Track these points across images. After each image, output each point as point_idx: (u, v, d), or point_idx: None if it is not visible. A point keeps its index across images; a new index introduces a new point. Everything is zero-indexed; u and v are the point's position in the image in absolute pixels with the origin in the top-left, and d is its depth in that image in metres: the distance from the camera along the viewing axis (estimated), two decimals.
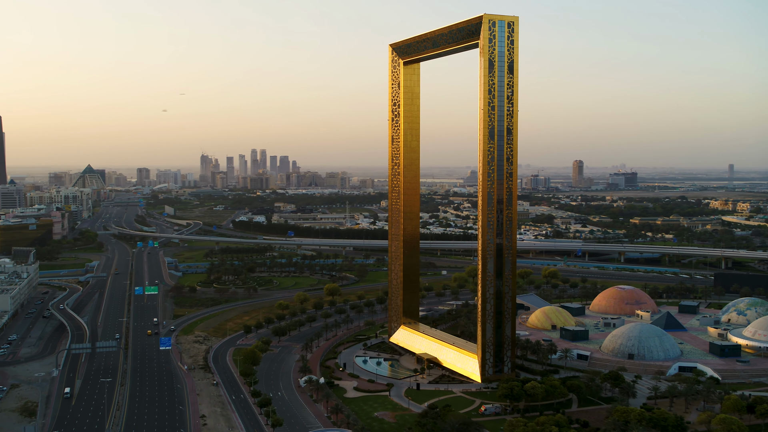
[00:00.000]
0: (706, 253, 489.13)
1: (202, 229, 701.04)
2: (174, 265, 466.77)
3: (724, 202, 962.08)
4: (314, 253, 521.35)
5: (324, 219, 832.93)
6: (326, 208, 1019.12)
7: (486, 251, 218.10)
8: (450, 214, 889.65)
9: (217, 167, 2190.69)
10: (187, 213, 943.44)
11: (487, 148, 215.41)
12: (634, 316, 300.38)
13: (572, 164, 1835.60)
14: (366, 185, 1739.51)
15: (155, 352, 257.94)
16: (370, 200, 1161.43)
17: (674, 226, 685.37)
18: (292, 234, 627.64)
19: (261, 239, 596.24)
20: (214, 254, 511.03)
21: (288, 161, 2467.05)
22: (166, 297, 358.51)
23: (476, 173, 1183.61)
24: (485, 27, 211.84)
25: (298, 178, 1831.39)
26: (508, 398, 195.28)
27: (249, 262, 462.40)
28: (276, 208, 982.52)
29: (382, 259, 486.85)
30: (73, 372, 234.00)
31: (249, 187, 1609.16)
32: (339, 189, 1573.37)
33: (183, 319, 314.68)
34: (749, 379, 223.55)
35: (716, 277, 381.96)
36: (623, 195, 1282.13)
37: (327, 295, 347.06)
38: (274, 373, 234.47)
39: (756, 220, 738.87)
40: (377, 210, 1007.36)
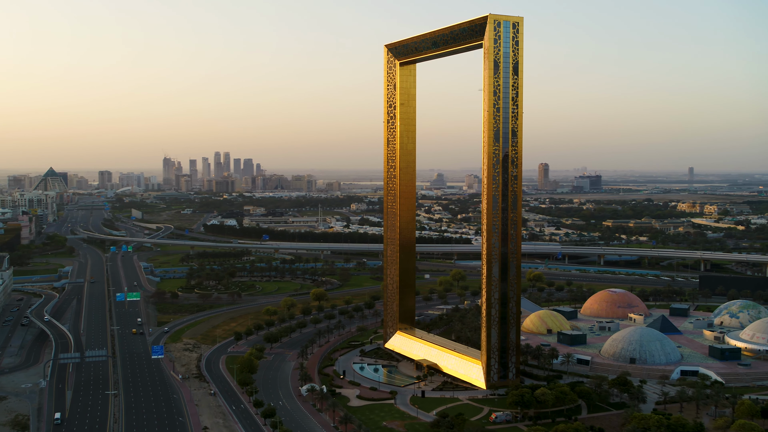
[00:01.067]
0: (685, 255, 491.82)
1: (173, 233, 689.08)
2: (150, 270, 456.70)
3: (691, 204, 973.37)
4: (292, 257, 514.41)
5: (296, 222, 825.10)
6: (296, 212, 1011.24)
7: (491, 255, 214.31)
8: (423, 217, 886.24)
9: (180, 170, 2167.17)
10: (154, 216, 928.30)
11: (492, 150, 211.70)
12: (626, 319, 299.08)
13: (537, 167, 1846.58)
14: (333, 188, 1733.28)
15: (145, 361, 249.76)
16: (340, 203, 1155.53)
17: (647, 229, 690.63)
18: (267, 237, 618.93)
19: (236, 243, 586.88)
20: (190, 259, 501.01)
21: (252, 164, 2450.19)
22: (148, 303, 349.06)
23: (443, 176, 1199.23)
24: (490, 27, 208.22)
25: (264, 181, 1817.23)
26: (518, 405, 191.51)
27: (229, 266, 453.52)
28: (245, 212, 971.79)
29: (363, 263, 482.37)
30: (62, 383, 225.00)
31: (215, 190, 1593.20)
32: (306, 192, 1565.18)
33: (169, 326, 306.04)
34: (752, 382, 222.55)
35: (701, 280, 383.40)
36: (590, 197, 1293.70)
37: (313, 300, 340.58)
38: (271, 382, 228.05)
39: (725, 223, 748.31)
40: (348, 213, 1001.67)
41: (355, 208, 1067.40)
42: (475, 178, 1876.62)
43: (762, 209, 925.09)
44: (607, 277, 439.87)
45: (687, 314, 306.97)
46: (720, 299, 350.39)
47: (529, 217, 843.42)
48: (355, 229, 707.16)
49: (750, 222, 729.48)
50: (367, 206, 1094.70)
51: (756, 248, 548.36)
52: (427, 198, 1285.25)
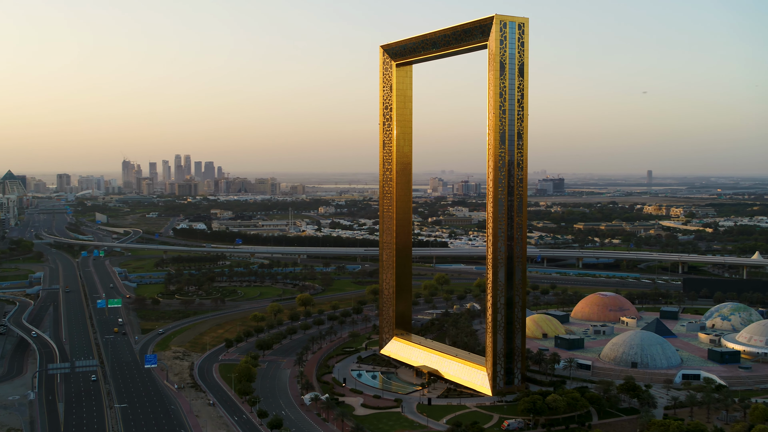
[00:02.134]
0: (663, 258, 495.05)
1: (143, 238, 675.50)
2: (124, 275, 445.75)
3: (657, 207, 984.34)
4: (269, 261, 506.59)
5: (266, 226, 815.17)
6: (264, 215, 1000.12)
7: (497, 260, 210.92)
8: None
9: (140, 173, 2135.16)
10: (119, 220, 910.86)
11: (498, 153, 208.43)
12: (618, 322, 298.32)
13: None
14: (297, 191, 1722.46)
15: (135, 370, 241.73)
16: (307, 206, 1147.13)
17: (618, 231, 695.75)
18: (240, 241, 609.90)
19: (209, 247, 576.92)
20: (165, 263, 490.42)
21: (213, 167, 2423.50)
22: (128, 310, 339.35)
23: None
24: (496, 28, 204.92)
25: (227, 184, 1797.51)
26: (531, 412, 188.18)
27: (208, 271, 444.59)
28: (213, 215, 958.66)
29: (342, 267, 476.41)
30: (52, 394, 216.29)
31: (177, 194, 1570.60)
32: (271, 195, 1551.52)
33: (153, 333, 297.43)
34: (755, 385, 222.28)
35: (685, 282, 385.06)
36: (555, 200, 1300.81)
37: (299, 305, 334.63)
38: (269, 391, 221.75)
39: (693, 225, 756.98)
40: (317, 216, 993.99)
41: (324, 211, 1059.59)
42: (439, 181, 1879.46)
43: (726, 212, 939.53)
44: (589, 280, 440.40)
45: (677, 317, 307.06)
46: (706, 302, 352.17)
47: None
48: (328, 233, 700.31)
49: (718, 224, 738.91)
50: (336, 210, 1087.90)
51: (729, 250, 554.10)
52: None
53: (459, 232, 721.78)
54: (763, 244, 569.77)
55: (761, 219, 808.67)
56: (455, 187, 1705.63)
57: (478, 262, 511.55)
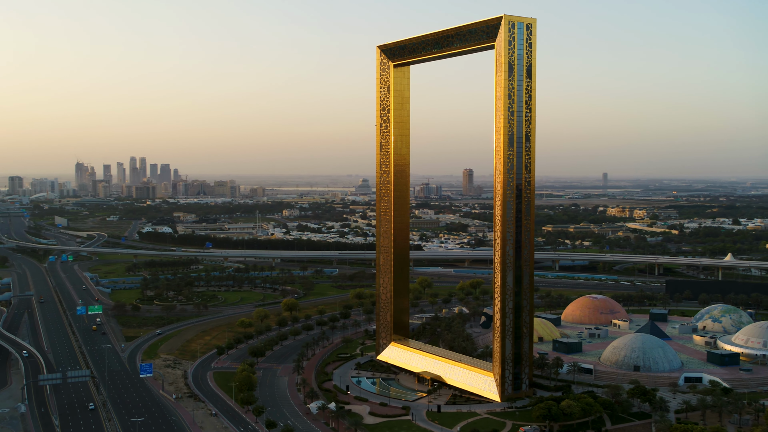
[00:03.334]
0: (640, 259, 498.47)
1: (108, 242, 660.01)
2: (95, 280, 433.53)
3: (621, 209, 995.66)
4: (243, 265, 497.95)
5: (232, 229, 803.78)
6: (227, 218, 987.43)
7: (505, 264, 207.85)
8: (361, 223, 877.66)
9: (94, 175, 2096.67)
10: (79, 224, 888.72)
11: (507, 155, 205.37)
12: (610, 325, 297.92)
13: (462, 173, 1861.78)
14: (257, 194, 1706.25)
15: (128, 379, 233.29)
16: (270, 209, 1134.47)
17: (587, 234, 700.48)
18: (210, 245, 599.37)
19: (180, 251, 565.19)
20: (137, 268, 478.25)
21: (169, 169, 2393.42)
22: (108, 317, 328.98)
23: (368, 182, 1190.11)
24: (504, 29, 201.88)
25: (186, 186, 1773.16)
26: (546, 419, 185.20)
27: (184, 276, 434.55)
28: (176, 218, 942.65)
29: (320, 271, 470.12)
30: (44, 407, 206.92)
31: (135, 197, 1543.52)
32: (231, 198, 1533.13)
33: (139, 340, 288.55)
34: (758, 387, 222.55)
35: (668, 284, 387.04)
36: None
37: (285, 310, 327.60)
38: (270, 399, 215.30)
39: (658, 227, 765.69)
40: (281, 219, 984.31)
41: (288, 214, 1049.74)
42: None
43: (687, 214, 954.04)
44: (568, 282, 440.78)
45: (666, 319, 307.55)
46: (690, 303, 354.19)
47: (468, 222, 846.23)
48: (298, 236, 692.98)
49: (683, 226, 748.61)
50: (300, 212, 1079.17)
51: (699, 252, 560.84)
52: (358, 204, 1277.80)
53: (429, 234, 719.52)
54: (731, 245, 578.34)
55: (723, 221, 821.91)
56: (416, 189, 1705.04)
57: (455, 265, 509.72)
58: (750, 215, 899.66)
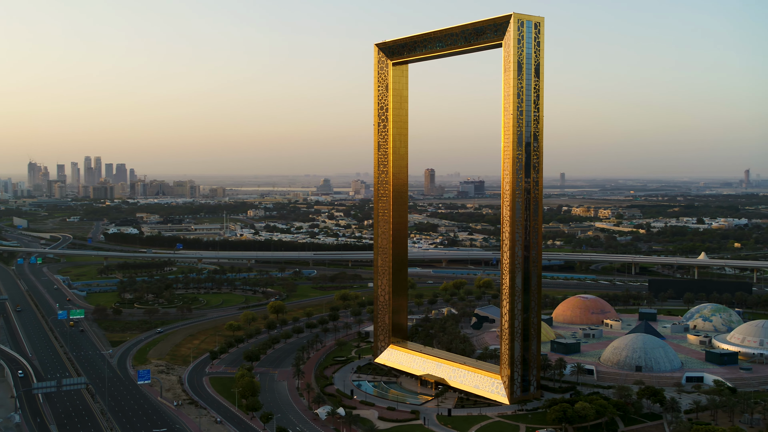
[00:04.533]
0: (615, 259, 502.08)
1: (74, 243, 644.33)
2: (67, 283, 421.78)
3: (586, 209, 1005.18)
4: (217, 266, 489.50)
5: (199, 230, 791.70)
6: (191, 219, 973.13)
7: (514, 265, 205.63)
8: (329, 223, 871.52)
9: (47, 175, 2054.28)
10: (39, 225, 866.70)
11: (516, 155, 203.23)
12: (601, 325, 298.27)
13: (424, 172, 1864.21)
14: (217, 194, 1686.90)
15: (123, 386, 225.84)
16: (234, 209, 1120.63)
17: (558, 233, 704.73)
18: (181, 246, 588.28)
19: (151, 252, 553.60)
20: (110, 270, 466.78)
21: (125, 169, 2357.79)
22: (89, 321, 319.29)
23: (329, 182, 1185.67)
24: (514, 27, 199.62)
25: (144, 186, 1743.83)
26: (562, 421, 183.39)
27: (162, 278, 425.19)
28: (139, 219, 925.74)
29: (299, 272, 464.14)
30: (39, 416, 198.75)
31: (92, 197, 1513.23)
32: (193, 198, 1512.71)
33: (125, 345, 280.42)
34: (760, 386, 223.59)
35: (650, 284, 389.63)
36: (480, 202, 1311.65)
37: (271, 312, 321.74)
38: (272, 404, 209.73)
39: (626, 226, 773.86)
40: (246, 219, 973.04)
41: (253, 214, 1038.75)
42: (362, 183, 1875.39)
43: (651, 213, 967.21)
44: (549, 282, 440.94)
45: (655, 319, 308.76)
46: (675, 303, 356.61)
47: (437, 222, 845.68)
48: (268, 237, 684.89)
49: (650, 226, 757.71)
50: (265, 212, 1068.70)
51: (671, 251, 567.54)
52: (321, 204, 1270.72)
53: None
54: (700, 244, 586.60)
55: (688, 220, 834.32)
56: None
57: (432, 265, 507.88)
58: (711, 214, 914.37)
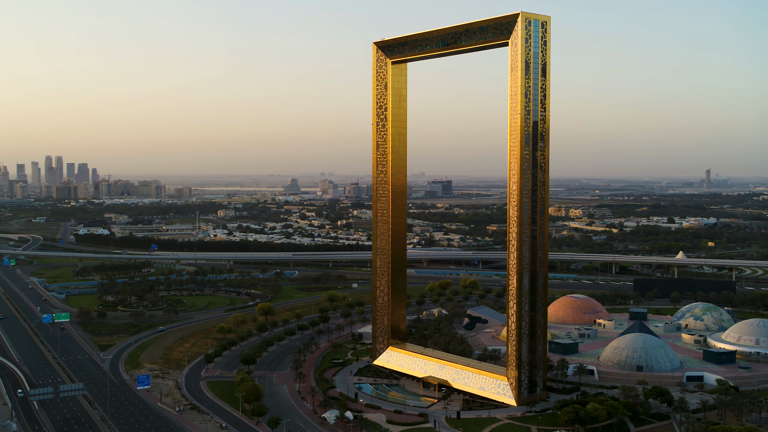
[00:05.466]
0: (595, 258, 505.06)
1: (45, 245, 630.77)
2: (44, 285, 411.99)
3: (556, 209, 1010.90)
4: (196, 268, 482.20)
5: (171, 230, 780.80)
6: (161, 219, 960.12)
7: (521, 266, 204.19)
8: (303, 223, 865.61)
9: (7, 175, 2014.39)
10: (5, 226, 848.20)
11: (524, 155, 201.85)
12: (594, 325, 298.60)
13: None
14: (183, 194, 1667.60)
15: (119, 392, 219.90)
16: (203, 209, 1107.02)
17: None
18: (156, 247, 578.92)
19: (126, 253, 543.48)
20: (87, 272, 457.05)
21: (87, 169, 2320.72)
22: (74, 324, 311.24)
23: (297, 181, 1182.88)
24: (521, 26, 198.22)
25: (109, 186, 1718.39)
26: (575, 423, 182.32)
27: (143, 280, 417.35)
28: (107, 219, 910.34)
29: (280, 273, 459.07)
30: (37, 424, 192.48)
31: (56, 197, 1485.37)
32: (159, 198, 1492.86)
33: (115, 349, 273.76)
34: (760, 385, 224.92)
35: (636, 283, 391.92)
36: (449, 202, 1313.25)
37: (260, 314, 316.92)
38: (275, 408, 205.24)
39: (598, 226, 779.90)
40: (217, 220, 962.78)
41: (223, 214, 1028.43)
42: (329, 183, 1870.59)
43: (620, 212, 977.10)
44: None
45: (646, 318, 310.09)
46: (661, 301, 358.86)
47: (410, 222, 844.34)
48: (242, 237, 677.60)
49: (623, 225, 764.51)
50: (235, 212, 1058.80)
51: (647, 250, 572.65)
52: (291, 204, 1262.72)
53: None
54: (675, 243, 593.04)
55: (658, 219, 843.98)
56: (346, 189, 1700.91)
57: (413, 265, 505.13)
58: (679, 214, 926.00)
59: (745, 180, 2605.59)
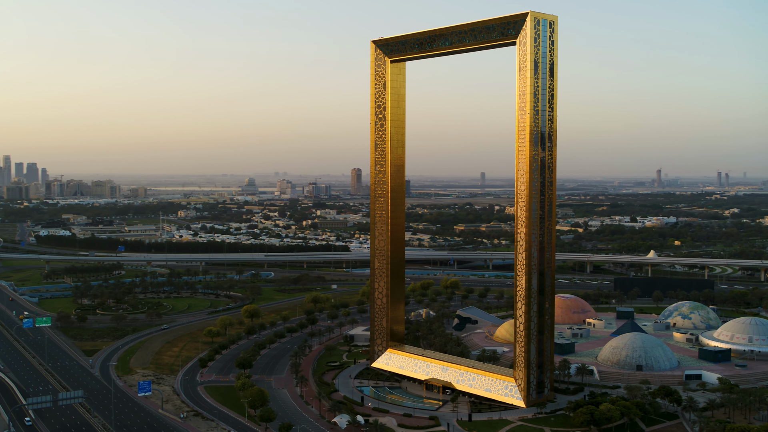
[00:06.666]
0: (568, 258, 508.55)
1: (5, 247, 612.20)
2: (13, 288, 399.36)
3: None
4: (168, 269, 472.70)
5: (133, 231, 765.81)
6: (120, 219, 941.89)
7: (530, 266, 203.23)
8: (268, 224, 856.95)
9: None
10: None
11: (532, 155, 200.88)
12: (584, 324, 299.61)
13: (351, 172, 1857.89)
14: (139, 194, 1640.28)
15: (118, 399, 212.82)
16: (162, 209, 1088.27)
17: (500, 233, 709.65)
18: (123, 249, 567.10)
19: (93, 255, 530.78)
20: (56, 275, 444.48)
21: (36, 168, 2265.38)
22: (54, 329, 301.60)
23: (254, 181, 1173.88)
24: (530, 25, 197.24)
25: (62, 187, 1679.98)
26: (590, 424, 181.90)
27: (118, 282, 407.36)
28: (65, 220, 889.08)
29: (257, 275, 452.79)
30: None
31: (6, 197, 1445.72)
32: (115, 199, 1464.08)
33: (102, 354, 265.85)
34: (758, 383, 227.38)
35: (616, 282, 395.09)
36: (411, 202, 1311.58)
37: (246, 317, 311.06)
38: (280, 414, 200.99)
39: (562, 225, 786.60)
40: (179, 220, 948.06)
41: (184, 215, 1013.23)
42: (287, 183, 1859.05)
43: (582, 212, 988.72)
44: (508, 281, 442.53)
45: (633, 317, 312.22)
46: (643, 301, 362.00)
47: None
48: (209, 238, 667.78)
49: (588, 224, 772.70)
50: (196, 213, 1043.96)
51: (617, 249, 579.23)
52: (251, 204, 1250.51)
53: (345, 235, 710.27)
54: (642, 242, 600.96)
55: (621, 219, 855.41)
56: (305, 189, 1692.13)
57: None
58: (638, 213, 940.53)
59: (694, 180, 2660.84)
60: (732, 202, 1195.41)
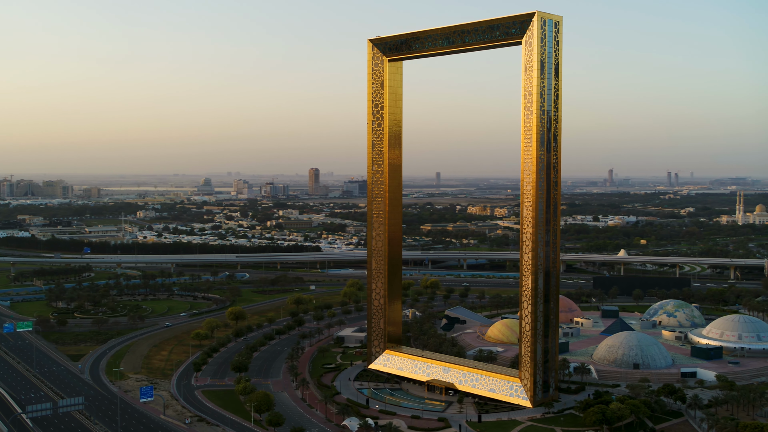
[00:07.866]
0: None
1: None
2: None
3: (482, 208, 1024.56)
4: (139, 271, 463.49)
5: (94, 232, 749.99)
6: (79, 220, 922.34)
7: (537, 266, 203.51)
8: (231, 224, 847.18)
9: None
10: None
11: (539, 156, 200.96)
12: (571, 323, 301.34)
13: (308, 172, 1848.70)
14: (92, 194, 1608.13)
15: (115, 405, 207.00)
16: (119, 210, 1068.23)
17: (467, 232, 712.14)
18: (89, 250, 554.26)
19: (59, 257, 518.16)
20: (24, 278, 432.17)
21: None
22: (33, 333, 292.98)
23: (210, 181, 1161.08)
24: (537, 25, 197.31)
25: (11, 187, 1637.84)
26: (602, 423, 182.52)
27: (92, 285, 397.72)
28: (21, 221, 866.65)
29: (232, 276, 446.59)
30: None
31: None
32: (68, 199, 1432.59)
33: (89, 358, 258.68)
34: (752, 380, 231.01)
35: (595, 281, 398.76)
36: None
37: (231, 319, 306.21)
38: (285, 418, 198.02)
39: None
40: (138, 221, 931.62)
41: (143, 215, 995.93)
42: (244, 183, 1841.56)
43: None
44: (486, 281, 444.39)
45: (618, 315, 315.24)
46: (624, 299, 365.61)
47: (340, 221, 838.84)
48: (174, 239, 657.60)
49: None
50: (155, 213, 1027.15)
51: (585, 248, 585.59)
52: (210, 204, 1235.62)
53: (312, 235, 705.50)
54: (608, 241, 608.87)
55: (584, 218, 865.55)
56: (262, 189, 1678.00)
57: (361, 266, 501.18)
58: (598, 213, 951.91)
59: (645, 179, 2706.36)
60: (686, 202, 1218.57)
